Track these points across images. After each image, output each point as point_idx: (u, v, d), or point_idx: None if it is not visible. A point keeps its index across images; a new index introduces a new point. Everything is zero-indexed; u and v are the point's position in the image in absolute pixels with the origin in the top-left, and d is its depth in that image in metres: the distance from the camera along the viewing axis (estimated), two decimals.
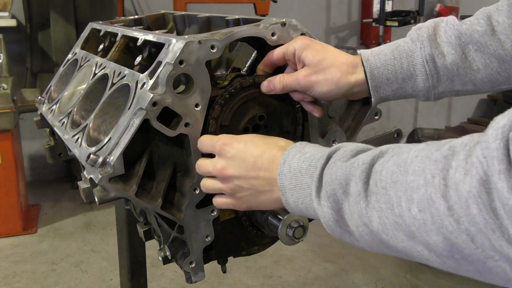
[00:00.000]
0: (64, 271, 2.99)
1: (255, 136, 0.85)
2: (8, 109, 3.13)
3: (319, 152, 0.74)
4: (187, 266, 1.00)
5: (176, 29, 1.48)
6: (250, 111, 0.99)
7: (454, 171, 0.52)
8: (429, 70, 0.93)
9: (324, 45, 0.96)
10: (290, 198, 0.75)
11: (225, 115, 0.96)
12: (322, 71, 0.93)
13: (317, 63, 0.93)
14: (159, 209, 0.94)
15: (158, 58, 0.93)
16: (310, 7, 5.04)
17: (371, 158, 0.63)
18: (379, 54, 0.95)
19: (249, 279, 2.87)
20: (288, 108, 1.03)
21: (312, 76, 0.94)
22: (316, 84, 0.94)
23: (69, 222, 3.62)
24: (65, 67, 1.46)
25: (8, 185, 3.31)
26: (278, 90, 0.97)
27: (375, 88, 0.94)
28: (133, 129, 0.87)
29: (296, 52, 0.95)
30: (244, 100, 0.98)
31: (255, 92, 0.99)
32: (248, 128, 1.00)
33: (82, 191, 0.90)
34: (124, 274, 1.67)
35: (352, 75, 0.94)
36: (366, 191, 0.62)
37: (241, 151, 0.82)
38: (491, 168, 0.48)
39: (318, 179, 0.69)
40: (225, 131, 0.96)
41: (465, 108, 5.76)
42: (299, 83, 0.95)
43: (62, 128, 1.16)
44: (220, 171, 0.84)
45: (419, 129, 3.34)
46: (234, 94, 0.96)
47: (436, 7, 5.39)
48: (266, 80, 0.98)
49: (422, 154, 0.57)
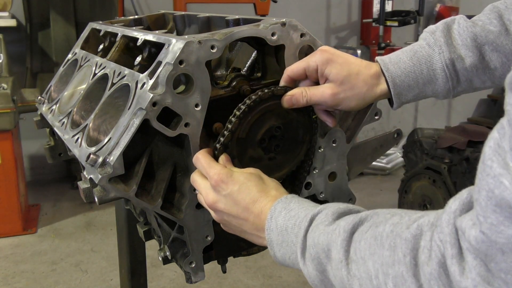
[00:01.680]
0: (64, 271, 2.99)
1: (250, 179, 0.85)
2: (8, 109, 3.13)
3: (303, 210, 0.77)
4: (187, 266, 1.00)
5: (176, 29, 1.48)
6: (267, 122, 0.97)
7: (421, 251, 0.56)
8: (449, 73, 0.94)
9: (344, 57, 0.94)
10: (277, 253, 0.78)
11: (243, 128, 0.94)
12: (349, 88, 0.93)
13: (343, 79, 0.92)
14: (159, 209, 0.94)
15: (158, 58, 0.93)
16: (310, 7, 5.04)
17: (351, 226, 0.67)
18: (398, 62, 0.95)
19: (249, 279, 2.87)
20: (304, 118, 1.01)
21: (340, 94, 0.93)
22: (344, 100, 0.93)
23: (69, 222, 3.62)
24: (65, 67, 1.46)
25: (8, 185, 3.31)
26: (301, 105, 0.96)
27: (398, 95, 0.95)
28: (133, 129, 0.87)
29: (319, 68, 0.93)
30: (262, 112, 0.96)
31: (274, 104, 0.96)
32: (264, 139, 0.98)
33: (82, 191, 0.90)
34: (124, 274, 1.67)
35: (376, 86, 0.94)
36: (347, 259, 0.66)
37: (235, 193, 0.84)
38: (446, 252, 0.52)
39: (302, 241, 0.73)
40: (241, 143, 0.95)
41: (465, 108, 5.76)
42: (326, 101, 0.94)
43: (62, 128, 1.16)
44: (211, 204, 0.86)
45: (419, 129, 3.34)
46: (253, 107, 0.94)
47: (436, 7, 5.39)
48: (288, 94, 0.95)
49: (396, 230, 0.61)
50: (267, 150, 0.99)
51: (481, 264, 0.49)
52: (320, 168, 1.09)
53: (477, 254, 0.49)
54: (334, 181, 1.12)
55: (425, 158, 3.12)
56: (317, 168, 1.09)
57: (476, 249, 0.49)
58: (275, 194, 0.84)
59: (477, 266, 0.49)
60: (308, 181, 1.09)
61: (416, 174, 3.15)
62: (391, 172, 4.67)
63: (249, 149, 0.97)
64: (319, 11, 5.11)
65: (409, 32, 5.39)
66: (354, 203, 1.17)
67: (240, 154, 0.96)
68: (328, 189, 1.12)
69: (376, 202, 4.01)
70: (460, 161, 2.86)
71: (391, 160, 4.71)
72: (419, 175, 3.13)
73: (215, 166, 0.87)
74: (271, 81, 1.04)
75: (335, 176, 1.12)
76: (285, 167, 1.03)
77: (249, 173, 0.87)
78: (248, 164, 0.97)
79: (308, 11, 5.02)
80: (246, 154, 0.97)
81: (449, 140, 2.99)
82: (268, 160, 1.00)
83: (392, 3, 4.91)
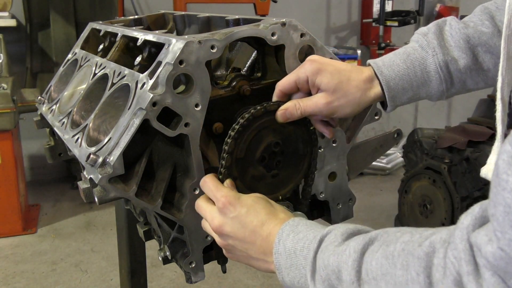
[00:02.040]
0: (64, 271, 2.99)
1: (258, 202, 0.84)
2: (8, 109, 3.13)
3: (311, 232, 0.75)
4: (187, 266, 1.00)
5: (176, 29, 1.48)
6: (265, 139, 0.95)
7: (435, 269, 0.55)
8: (443, 76, 0.94)
9: (334, 65, 0.93)
10: (286, 277, 0.76)
11: (240, 148, 0.92)
12: (342, 95, 0.92)
13: (335, 87, 0.91)
14: (159, 209, 0.94)
15: (158, 58, 0.93)
16: (310, 7, 5.04)
17: (361, 247, 0.66)
18: (392, 65, 0.94)
19: (249, 279, 2.87)
20: (302, 130, 0.99)
21: (334, 102, 0.92)
22: (339, 108, 0.92)
23: (69, 222, 3.62)
24: (65, 67, 1.46)
25: (8, 185, 3.31)
26: (296, 118, 0.94)
27: (392, 98, 0.95)
28: (133, 129, 0.87)
29: (309, 79, 0.92)
30: (257, 130, 0.94)
31: (268, 120, 0.94)
32: (264, 157, 0.96)
33: (82, 191, 0.90)
34: (124, 274, 1.67)
35: (370, 90, 0.94)
36: (359, 280, 0.64)
37: (243, 216, 0.82)
38: (461, 269, 0.51)
39: (312, 263, 0.71)
40: (241, 163, 0.93)
41: (465, 108, 5.76)
42: (321, 111, 0.93)
43: (62, 128, 1.16)
44: (217, 227, 0.84)
45: (419, 129, 3.34)
46: (247, 126, 0.92)
47: (436, 7, 5.39)
48: (281, 109, 0.93)
49: (407, 248, 0.60)
50: (269, 167, 0.97)
51: (499, 281, 0.48)
52: (320, 168, 1.09)
53: (495, 270, 0.48)
54: (334, 181, 1.12)
55: (425, 158, 3.12)
56: (317, 168, 1.09)
57: (494, 266, 0.48)
58: (283, 216, 0.82)
59: (496, 283, 0.48)
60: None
61: (416, 174, 3.15)
62: (391, 172, 4.67)
63: (250, 168, 0.95)
64: (319, 11, 5.11)
65: (409, 32, 5.39)
66: (354, 203, 1.17)
67: (241, 174, 0.94)
68: (328, 189, 1.12)
69: (376, 202, 4.01)
70: (460, 161, 2.86)
71: (391, 160, 4.71)
72: (419, 175, 3.13)
73: (222, 189, 0.86)
74: (271, 81, 1.04)
75: (335, 176, 1.12)
76: (290, 183, 1.01)
77: (256, 196, 0.86)
78: (251, 183, 0.95)
79: (308, 11, 5.02)
80: (248, 173, 0.95)
81: (449, 140, 2.99)
82: (272, 177, 0.98)
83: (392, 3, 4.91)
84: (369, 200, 4.04)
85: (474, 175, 2.76)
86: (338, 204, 1.14)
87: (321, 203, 1.14)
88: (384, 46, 4.84)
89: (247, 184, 0.94)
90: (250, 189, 0.94)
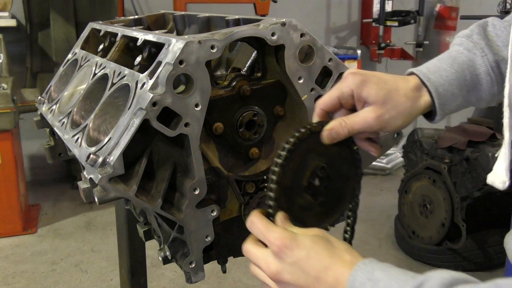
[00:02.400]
0: (64, 271, 2.99)
1: (317, 243, 0.74)
2: (8, 109, 3.13)
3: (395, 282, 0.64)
4: (187, 266, 1.00)
5: (176, 29, 1.48)
6: (311, 164, 0.87)
7: None
8: (495, 77, 0.89)
9: (377, 75, 0.87)
10: None
11: (287, 176, 0.84)
12: (393, 107, 0.84)
13: (384, 99, 0.84)
14: (159, 209, 0.94)
15: (158, 58, 0.93)
16: (310, 7, 5.04)
17: None
18: (438, 70, 0.89)
19: (249, 279, 2.87)
20: (346, 152, 0.91)
21: (385, 115, 0.84)
22: (390, 121, 0.85)
23: (69, 222, 3.62)
24: (65, 67, 1.46)
25: (8, 185, 3.31)
26: (342, 137, 0.86)
27: (441, 106, 0.89)
28: (133, 129, 0.87)
29: (355, 92, 0.84)
30: (303, 154, 0.85)
31: (313, 143, 0.86)
32: (311, 184, 0.87)
33: (82, 191, 0.90)
34: (124, 274, 1.67)
35: (419, 99, 0.87)
36: None
37: (303, 260, 0.72)
38: None
39: None
40: (288, 193, 0.84)
41: None
42: (371, 126, 0.84)
43: (62, 128, 1.16)
44: (274, 274, 0.74)
45: (419, 129, 3.34)
46: (293, 151, 0.83)
47: (436, 7, 5.39)
48: (326, 129, 0.85)
49: None
50: (316, 195, 0.89)
51: None
52: None
53: None
54: None
55: (425, 158, 3.11)
56: None
57: None
58: (350, 259, 0.72)
59: None
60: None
61: (416, 174, 3.15)
62: (391, 172, 4.67)
63: (297, 198, 0.86)
64: (319, 11, 5.11)
65: (409, 32, 5.39)
66: None
67: (288, 206, 0.85)
68: None
69: (376, 202, 4.01)
70: (460, 161, 2.86)
71: (391, 160, 4.72)
72: (419, 175, 3.13)
73: (274, 229, 0.76)
74: (271, 81, 1.04)
75: None
76: (337, 210, 0.93)
77: (314, 235, 0.76)
78: (299, 215, 0.86)
79: (308, 11, 5.02)
80: (295, 204, 0.86)
81: (449, 140, 2.99)
82: (319, 206, 0.90)
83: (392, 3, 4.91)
84: (369, 200, 4.04)
85: (474, 175, 2.76)
86: None
87: None
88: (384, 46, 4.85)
89: (296, 216, 0.85)
90: (299, 221, 0.85)
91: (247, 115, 1.02)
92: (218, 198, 1.03)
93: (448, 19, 5.28)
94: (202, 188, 0.95)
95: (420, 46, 5.25)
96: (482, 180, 2.68)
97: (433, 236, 2.99)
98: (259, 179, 1.06)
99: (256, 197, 1.05)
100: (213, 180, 1.02)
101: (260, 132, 1.05)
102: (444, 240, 2.93)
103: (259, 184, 1.06)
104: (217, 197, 1.03)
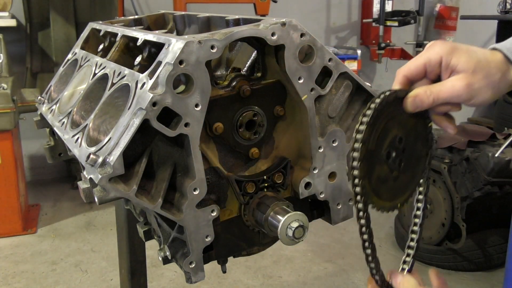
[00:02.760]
0: (64, 271, 2.99)
1: None
2: (8, 109, 3.14)
3: None
4: (187, 266, 1.00)
5: (176, 29, 1.48)
6: (391, 132, 0.84)
7: None
8: None
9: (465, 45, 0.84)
10: None
11: (373, 137, 0.81)
12: (483, 76, 0.81)
13: (475, 67, 0.80)
14: (159, 209, 0.94)
15: (158, 58, 0.93)
16: (310, 7, 5.04)
17: None
18: None
19: (249, 279, 2.87)
20: (421, 127, 0.89)
21: (475, 84, 0.81)
22: (480, 91, 0.81)
23: (69, 222, 3.62)
24: (65, 67, 1.46)
25: (8, 185, 3.31)
26: (426, 106, 0.83)
27: None
28: (133, 129, 0.87)
29: (444, 59, 0.82)
30: (387, 118, 0.83)
31: (395, 109, 0.83)
32: (390, 153, 0.85)
33: (82, 191, 0.90)
34: (124, 274, 1.67)
35: (508, 72, 0.83)
36: None
37: None
38: None
39: None
40: (371, 157, 0.82)
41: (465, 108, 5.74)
42: (460, 95, 0.81)
43: (62, 128, 1.16)
44: None
45: None
46: (380, 111, 0.81)
47: (436, 7, 5.40)
48: (410, 95, 0.82)
49: None
50: (392, 167, 0.87)
51: None
52: (320, 168, 1.09)
53: None
54: (334, 181, 1.12)
55: None
56: (317, 168, 1.08)
57: None
58: None
59: None
60: (308, 181, 1.08)
61: None
62: None
63: (377, 166, 0.84)
64: (319, 11, 5.11)
65: (409, 32, 5.39)
66: None
67: (369, 172, 0.83)
68: (328, 189, 1.12)
69: None
70: (460, 161, 2.86)
71: None
72: None
73: None
74: (271, 81, 1.04)
75: (335, 176, 1.12)
76: (408, 189, 0.92)
77: None
78: (376, 185, 0.85)
79: (308, 11, 5.02)
80: (374, 172, 0.84)
81: (449, 140, 2.99)
82: (393, 181, 0.88)
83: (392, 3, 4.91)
84: None
85: (474, 175, 2.75)
86: (338, 204, 1.14)
87: (321, 203, 1.14)
88: (384, 46, 4.85)
89: (373, 186, 0.84)
90: (374, 191, 0.84)
91: (247, 115, 1.02)
92: (218, 198, 1.03)
93: (448, 19, 5.28)
94: (202, 188, 0.95)
95: (420, 46, 5.25)
96: (482, 180, 2.68)
97: (433, 236, 2.99)
98: (259, 179, 1.06)
99: (256, 197, 1.05)
100: (213, 180, 1.02)
101: (260, 132, 1.05)
102: (444, 240, 2.93)
103: (259, 184, 1.06)
104: (217, 197, 1.03)
